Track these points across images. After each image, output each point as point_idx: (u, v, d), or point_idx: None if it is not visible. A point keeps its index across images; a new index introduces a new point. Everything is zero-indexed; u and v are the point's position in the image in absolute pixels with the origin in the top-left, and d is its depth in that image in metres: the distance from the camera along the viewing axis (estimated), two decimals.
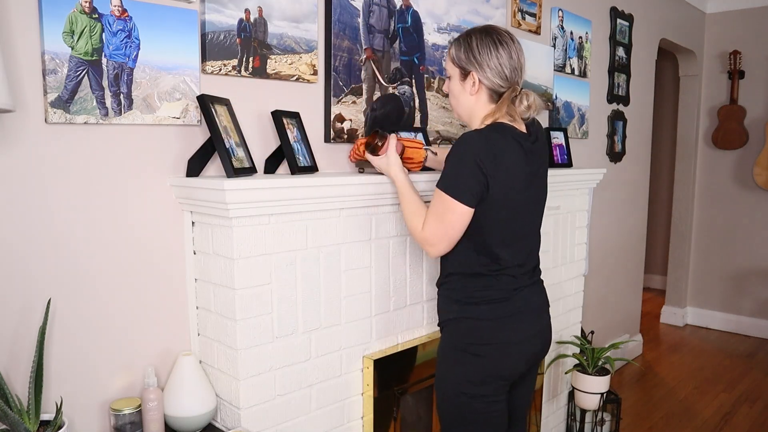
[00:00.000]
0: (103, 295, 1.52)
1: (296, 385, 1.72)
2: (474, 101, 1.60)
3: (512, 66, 1.55)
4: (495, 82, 1.56)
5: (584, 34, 3.25)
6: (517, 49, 1.57)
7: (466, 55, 1.57)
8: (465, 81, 1.60)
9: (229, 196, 1.44)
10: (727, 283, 4.86)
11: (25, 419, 1.30)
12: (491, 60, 1.54)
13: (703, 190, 4.92)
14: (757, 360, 4.21)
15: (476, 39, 1.56)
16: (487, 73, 1.55)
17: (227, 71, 1.68)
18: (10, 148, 1.34)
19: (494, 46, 1.54)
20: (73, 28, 1.39)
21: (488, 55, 1.54)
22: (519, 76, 1.58)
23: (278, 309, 1.65)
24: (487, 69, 1.55)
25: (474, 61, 1.56)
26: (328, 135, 1.96)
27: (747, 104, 4.63)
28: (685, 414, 3.33)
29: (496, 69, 1.54)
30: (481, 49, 1.55)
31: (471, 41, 1.57)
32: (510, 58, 1.55)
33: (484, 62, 1.55)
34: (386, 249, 1.92)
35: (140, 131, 1.54)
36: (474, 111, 1.62)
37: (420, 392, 2.11)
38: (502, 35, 1.56)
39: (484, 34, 1.56)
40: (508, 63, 1.55)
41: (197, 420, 1.56)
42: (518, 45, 1.58)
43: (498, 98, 1.58)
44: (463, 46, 1.58)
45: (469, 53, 1.56)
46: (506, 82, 1.56)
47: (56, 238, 1.43)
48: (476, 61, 1.55)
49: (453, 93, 1.65)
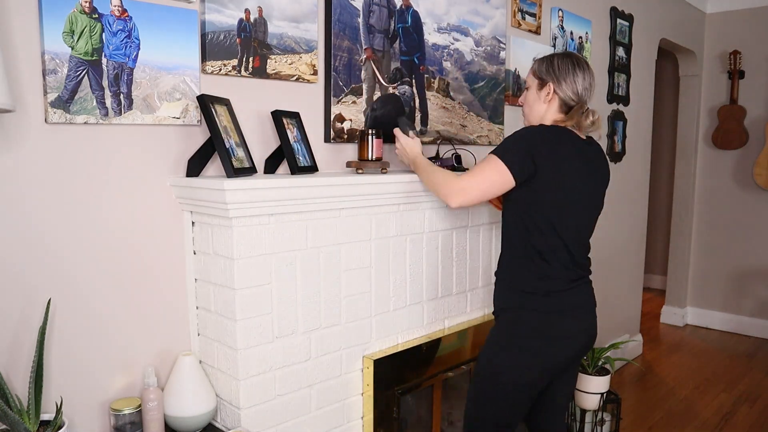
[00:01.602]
0: (103, 295, 1.52)
1: (296, 385, 1.72)
2: (545, 109, 1.79)
3: (584, 86, 1.77)
4: (567, 95, 1.76)
5: (584, 34, 3.25)
6: (591, 75, 1.79)
7: (547, 69, 1.78)
8: (541, 90, 1.79)
9: (229, 196, 1.44)
10: (727, 283, 4.86)
11: (25, 419, 1.30)
12: (568, 76, 1.75)
13: (703, 190, 4.91)
14: (757, 360, 4.21)
15: (558, 58, 1.79)
16: (562, 86, 1.76)
17: (227, 71, 1.68)
18: (10, 148, 1.34)
19: (572, 67, 1.76)
20: (73, 28, 1.39)
21: (566, 72, 1.76)
22: (588, 97, 1.79)
23: (278, 309, 1.65)
24: (563, 83, 1.76)
25: (552, 74, 1.77)
26: (328, 135, 1.96)
27: (747, 104, 4.63)
28: (685, 414, 3.33)
29: (570, 85, 1.75)
30: (560, 66, 1.77)
31: (553, 59, 1.79)
32: (583, 80, 1.76)
33: (561, 77, 1.76)
34: (386, 249, 1.92)
35: (140, 131, 1.54)
36: (544, 118, 1.80)
37: (421, 392, 2.11)
38: (581, 60, 1.79)
39: (565, 56, 1.79)
40: (581, 82, 1.76)
41: (197, 420, 1.56)
42: (592, 71, 1.80)
43: (567, 110, 1.78)
44: (546, 62, 1.80)
45: (549, 68, 1.78)
46: (577, 97, 1.76)
47: (56, 238, 1.43)
48: (554, 75, 1.77)
49: (528, 101, 1.84)
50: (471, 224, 2.23)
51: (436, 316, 2.14)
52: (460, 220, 2.17)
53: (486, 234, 2.30)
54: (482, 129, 2.57)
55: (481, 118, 2.56)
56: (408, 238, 1.99)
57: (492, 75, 2.59)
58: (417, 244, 2.02)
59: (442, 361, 2.12)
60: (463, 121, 2.46)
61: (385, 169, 1.91)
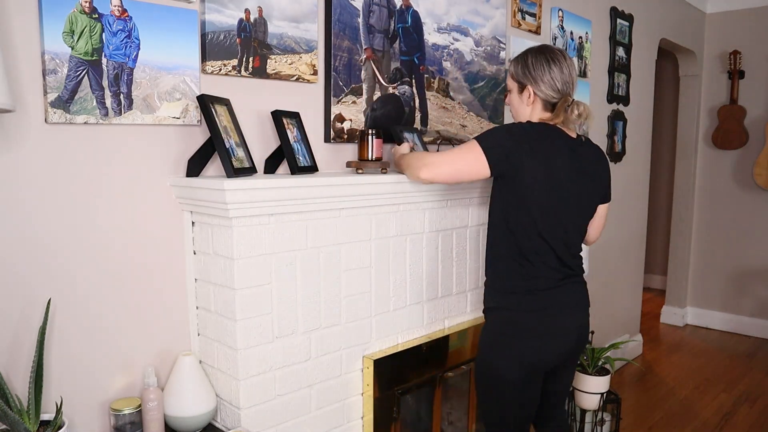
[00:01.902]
0: (103, 295, 1.52)
1: (296, 385, 1.72)
2: (530, 111, 1.79)
3: (563, 80, 1.74)
4: (548, 94, 1.74)
5: (584, 34, 3.25)
6: (569, 65, 1.75)
7: (523, 71, 1.77)
8: (522, 94, 1.78)
9: (229, 196, 1.44)
10: (727, 283, 4.85)
11: (25, 419, 1.30)
12: (545, 75, 1.73)
13: (703, 190, 4.91)
14: (757, 360, 4.21)
15: (531, 57, 1.76)
16: (541, 87, 1.74)
17: (227, 71, 1.68)
18: (10, 148, 1.34)
19: (547, 63, 1.73)
20: (73, 28, 1.39)
21: (542, 71, 1.73)
22: (570, 89, 1.76)
23: (278, 309, 1.65)
24: (541, 83, 1.74)
25: (529, 76, 1.75)
26: (328, 135, 1.96)
27: (747, 104, 4.63)
28: (685, 414, 3.33)
29: (549, 83, 1.73)
30: (536, 65, 1.74)
31: (527, 59, 1.76)
32: (561, 73, 1.73)
33: (538, 77, 1.74)
34: (386, 249, 1.92)
35: (140, 131, 1.54)
36: (531, 119, 1.78)
37: (421, 392, 2.11)
38: (555, 54, 1.75)
39: (538, 53, 1.76)
40: (559, 77, 1.73)
41: (197, 420, 1.56)
42: (570, 61, 1.76)
43: (552, 108, 1.76)
44: (521, 64, 1.78)
45: (525, 70, 1.76)
46: (558, 93, 1.74)
47: (56, 238, 1.43)
48: (531, 76, 1.75)
49: (513, 104, 1.84)
50: (471, 224, 2.23)
51: (436, 316, 2.14)
52: (460, 220, 2.17)
53: (486, 234, 2.30)
54: (482, 129, 2.57)
55: (481, 118, 2.56)
56: (408, 238, 1.99)
57: (492, 75, 2.59)
58: (417, 244, 2.02)
59: (442, 361, 2.12)
60: (463, 121, 2.46)
61: (385, 169, 1.91)
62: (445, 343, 2.12)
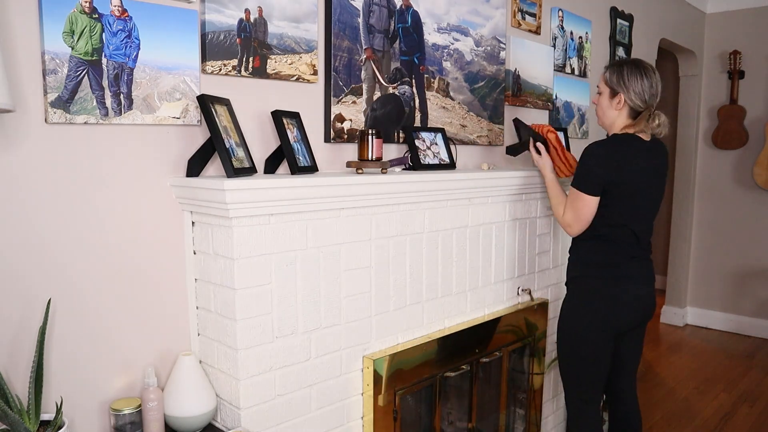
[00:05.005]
0: (103, 295, 1.52)
1: (296, 385, 1.72)
2: (617, 115, 2.07)
3: (651, 93, 2.01)
4: (636, 103, 2.01)
5: (584, 34, 3.25)
6: (657, 80, 2.02)
7: (618, 80, 2.02)
8: (613, 99, 2.05)
9: (229, 196, 1.44)
10: (727, 283, 4.85)
11: (25, 419, 1.30)
12: (636, 86, 1.99)
13: (703, 190, 4.92)
14: (757, 360, 4.21)
15: (627, 69, 2.01)
16: (632, 95, 2.01)
17: (227, 71, 1.68)
18: (10, 148, 1.34)
19: (640, 76, 1.99)
20: (73, 28, 1.39)
21: (635, 82, 1.99)
22: (655, 101, 2.03)
23: (278, 309, 1.65)
24: (632, 92, 2.00)
25: (623, 85, 2.01)
26: (328, 135, 1.96)
27: (747, 104, 4.63)
28: (685, 414, 3.33)
29: (639, 94, 2.00)
30: (630, 76, 2.00)
31: (623, 70, 2.02)
32: (650, 87, 2.00)
33: (631, 87, 2.00)
34: (386, 249, 1.92)
35: (140, 131, 1.54)
36: (615, 122, 2.08)
37: (421, 392, 2.11)
38: (647, 68, 2.01)
39: (633, 65, 2.01)
40: (648, 90, 2.00)
41: (197, 420, 1.56)
42: (658, 77, 2.03)
43: (635, 115, 2.04)
44: (616, 72, 2.03)
45: (620, 78, 2.02)
46: (644, 104, 2.02)
47: (56, 238, 1.43)
48: (624, 85, 2.01)
49: (601, 106, 2.11)
50: (471, 224, 2.23)
51: (436, 316, 2.14)
52: (460, 220, 2.17)
53: (486, 234, 2.30)
54: (482, 129, 2.57)
55: (481, 118, 2.56)
56: (408, 238, 1.99)
57: (492, 75, 2.59)
58: (417, 244, 2.02)
59: (442, 360, 2.12)
60: (462, 121, 2.46)
61: (385, 169, 1.91)
62: (445, 342, 2.12)
